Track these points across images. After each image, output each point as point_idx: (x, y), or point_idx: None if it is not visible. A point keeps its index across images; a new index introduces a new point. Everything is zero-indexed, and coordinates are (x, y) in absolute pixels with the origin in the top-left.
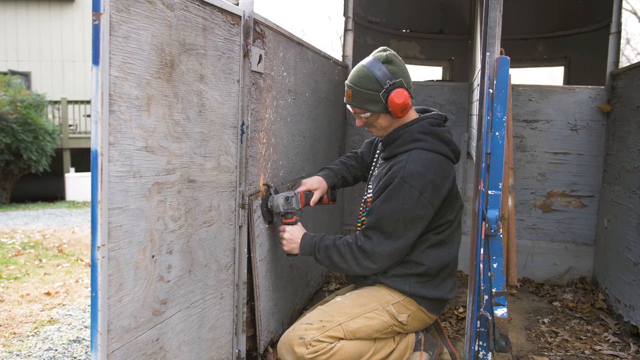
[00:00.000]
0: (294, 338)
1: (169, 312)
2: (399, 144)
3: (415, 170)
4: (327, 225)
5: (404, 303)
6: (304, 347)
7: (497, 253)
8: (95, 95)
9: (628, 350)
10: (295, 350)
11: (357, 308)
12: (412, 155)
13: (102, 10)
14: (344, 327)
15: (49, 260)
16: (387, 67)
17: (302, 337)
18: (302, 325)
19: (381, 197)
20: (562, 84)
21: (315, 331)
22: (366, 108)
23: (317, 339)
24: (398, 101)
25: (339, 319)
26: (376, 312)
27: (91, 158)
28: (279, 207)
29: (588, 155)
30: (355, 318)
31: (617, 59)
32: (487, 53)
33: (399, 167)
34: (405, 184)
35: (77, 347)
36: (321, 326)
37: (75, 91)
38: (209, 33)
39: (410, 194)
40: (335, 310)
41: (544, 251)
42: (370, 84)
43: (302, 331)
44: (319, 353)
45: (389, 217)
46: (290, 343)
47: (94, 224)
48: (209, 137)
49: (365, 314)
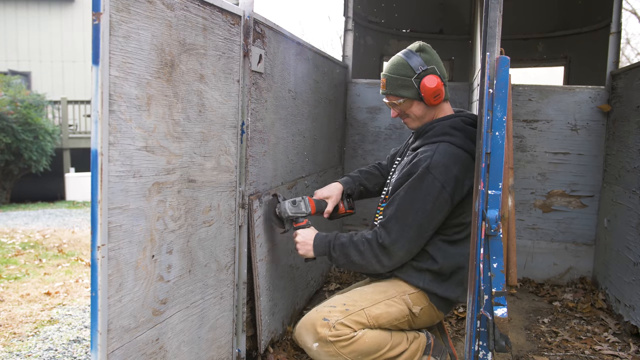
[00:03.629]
0: (317, 319)
1: (169, 312)
2: (430, 136)
3: (441, 162)
4: (329, 225)
5: (418, 295)
6: (327, 329)
7: (497, 253)
8: (95, 95)
9: (628, 350)
10: (317, 331)
11: (378, 294)
12: (440, 147)
13: (102, 10)
14: (367, 312)
15: (49, 260)
16: (420, 55)
17: (325, 318)
18: (325, 308)
19: (404, 186)
20: (562, 84)
21: (339, 314)
22: (399, 94)
23: (341, 322)
24: (430, 85)
25: (361, 303)
26: (394, 300)
27: (91, 158)
28: (287, 212)
29: (588, 155)
30: (376, 304)
31: (617, 59)
32: (487, 53)
33: (425, 156)
34: (430, 174)
35: (77, 347)
36: (345, 309)
37: (75, 91)
38: (209, 33)
39: (433, 185)
40: (357, 295)
41: (544, 251)
42: (403, 70)
43: (325, 313)
44: (340, 338)
45: (410, 207)
46: (313, 323)
47: (94, 223)
48: (209, 137)
49: (386, 300)
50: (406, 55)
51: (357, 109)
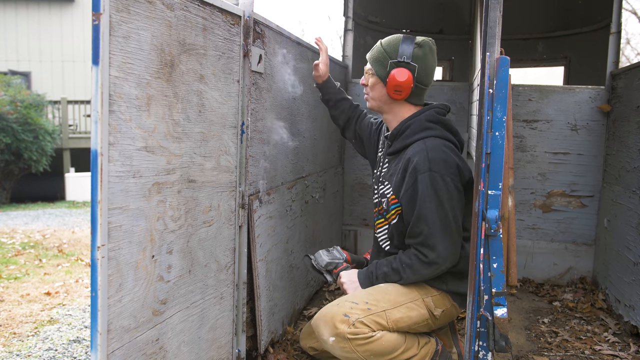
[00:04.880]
0: (338, 313)
1: (169, 312)
2: (409, 134)
3: (439, 158)
4: (328, 225)
5: (440, 297)
6: (346, 325)
7: (497, 253)
8: (95, 95)
9: (628, 350)
10: (337, 326)
11: (400, 296)
12: (429, 143)
13: (102, 10)
14: (388, 314)
15: (49, 260)
16: (414, 47)
17: (346, 314)
18: (347, 303)
19: (420, 200)
20: (562, 84)
21: (361, 312)
22: (373, 65)
23: (361, 320)
24: (398, 79)
25: (383, 304)
26: (416, 303)
27: (91, 158)
28: (324, 260)
29: (588, 155)
30: (398, 307)
31: (617, 59)
32: (487, 53)
33: (420, 158)
34: (436, 174)
35: (77, 347)
36: (367, 308)
37: (75, 91)
38: (209, 33)
39: (445, 183)
40: (380, 295)
41: (544, 251)
42: (390, 49)
43: (347, 309)
44: (359, 336)
45: (439, 215)
46: (333, 317)
47: (94, 224)
48: (209, 137)
49: (407, 303)
50: (405, 39)
51: None
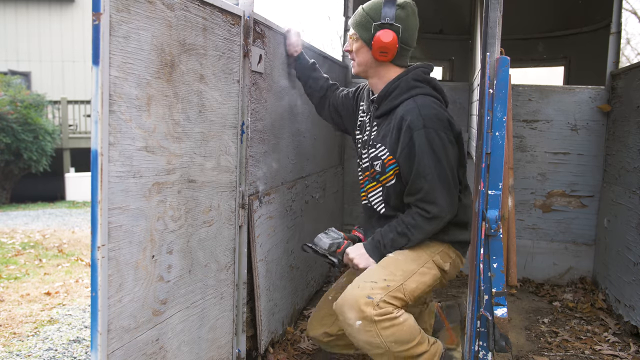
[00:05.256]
0: (361, 296)
1: (169, 312)
2: (398, 94)
3: (431, 114)
4: (328, 225)
5: (446, 251)
6: (372, 308)
7: (497, 253)
8: (95, 95)
9: (628, 350)
10: (362, 309)
11: (412, 263)
12: (419, 101)
13: (102, 10)
14: (404, 287)
15: (49, 260)
16: (397, 9)
17: (370, 296)
18: (367, 284)
19: (417, 157)
20: (562, 84)
21: (381, 291)
22: (357, 29)
23: (384, 299)
24: (383, 40)
25: (399, 277)
26: (427, 267)
27: (91, 158)
28: (326, 243)
29: (588, 155)
30: (412, 276)
31: (617, 59)
32: (487, 53)
33: (413, 116)
34: (431, 130)
35: (77, 347)
36: (386, 285)
37: (75, 91)
38: (209, 33)
39: (440, 138)
40: (393, 266)
41: (544, 251)
42: (373, 12)
43: (368, 290)
44: (385, 317)
45: (437, 170)
46: (357, 300)
47: (94, 224)
48: (209, 137)
49: (419, 269)
50: (386, 2)
51: None
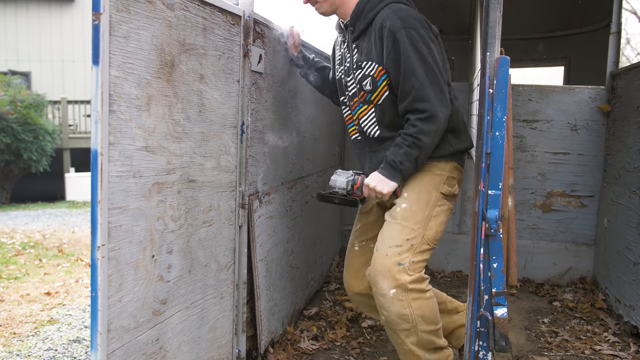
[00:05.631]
0: (392, 265)
1: (169, 312)
2: (370, 9)
3: (408, 15)
4: (328, 224)
5: (449, 172)
6: (405, 274)
7: (497, 253)
8: (95, 95)
9: (628, 350)
10: (396, 277)
11: (425, 209)
12: (393, 7)
13: (102, 10)
14: (426, 237)
15: (49, 260)
16: None
17: (400, 263)
18: (392, 250)
19: (403, 57)
20: (562, 84)
21: (408, 253)
22: None
23: (412, 260)
24: None
25: (418, 229)
26: (439, 205)
27: (91, 158)
28: (343, 181)
29: (588, 155)
30: (428, 223)
31: (617, 59)
32: (487, 53)
33: (391, 20)
34: (411, 29)
35: (77, 347)
36: (410, 246)
37: (75, 91)
38: (209, 33)
39: (420, 36)
40: (411, 221)
41: (544, 251)
42: None
43: (396, 256)
44: (416, 278)
45: (424, 67)
46: (389, 270)
47: (94, 223)
48: (209, 137)
49: (433, 211)
50: None
51: None
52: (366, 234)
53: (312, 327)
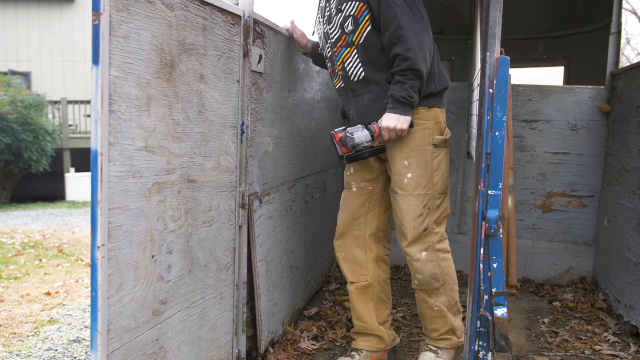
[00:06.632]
0: (420, 233)
1: (169, 312)
2: None
3: None
4: (328, 225)
5: (434, 119)
6: (431, 236)
7: (497, 253)
8: (95, 95)
9: (628, 350)
10: (424, 241)
11: (426, 169)
12: None
13: (102, 10)
14: (436, 192)
15: (49, 260)
16: None
17: (425, 228)
18: (416, 221)
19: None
20: (562, 84)
21: (428, 217)
22: None
23: (433, 220)
24: None
25: (429, 191)
26: (435, 157)
27: (91, 158)
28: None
29: (588, 155)
30: (433, 179)
31: (617, 59)
32: (487, 53)
33: None
34: None
35: (77, 347)
36: (427, 210)
37: (75, 91)
38: (209, 33)
39: None
40: (419, 188)
41: (544, 251)
42: None
43: (421, 225)
44: (440, 237)
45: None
46: (419, 238)
47: (94, 223)
48: (209, 137)
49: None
50: None
51: None
52: (364, 177)
53: (312, 327)
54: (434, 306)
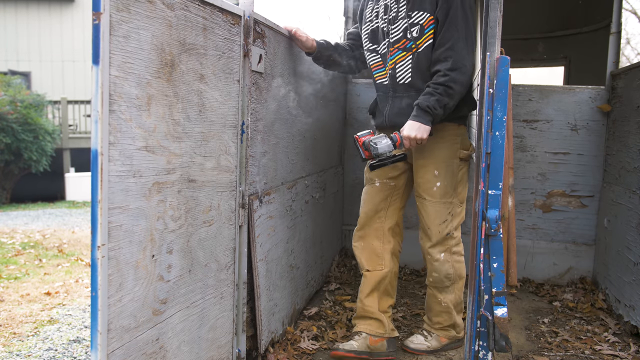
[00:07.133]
0: (443, 237)
1: (169, 311)
2: None
3: None
4: (328, 224)
5: (462, 135)
6: (451, 239)
7: (497, 253)
8: (95, 95)
9: (628, 350)
10: (445, 244)
11: (452, 180)
12: None
13: (102, 10)
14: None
15: (49, 260)
16: None
17: (448, 233)
18: (442, 226)
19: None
20: (562, 84)
21: (452, 222)
22: None
23: (454, 225)
24: None
25: (454, 200)
26: (461, 169)
27: (91, 158)
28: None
29: (588, 155)
30: (457, 189)
31: (617, 59)
32: (487, 53)
33: None
34: None
35: (77, 347)
36: (451, 216)
37: (75, 91)
38: (209, 33)
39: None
40: (446, 196)
41: (544, 251)
42: None
43: (445, 229)
44: (457, 240)
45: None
46: (442, 241)
47: (94, 223)
48: (209, 136)
49: (457, 178)
50: None
51: (357, 109)
52: (386, 174)
53: (312, 327)
54: (442, 302)
